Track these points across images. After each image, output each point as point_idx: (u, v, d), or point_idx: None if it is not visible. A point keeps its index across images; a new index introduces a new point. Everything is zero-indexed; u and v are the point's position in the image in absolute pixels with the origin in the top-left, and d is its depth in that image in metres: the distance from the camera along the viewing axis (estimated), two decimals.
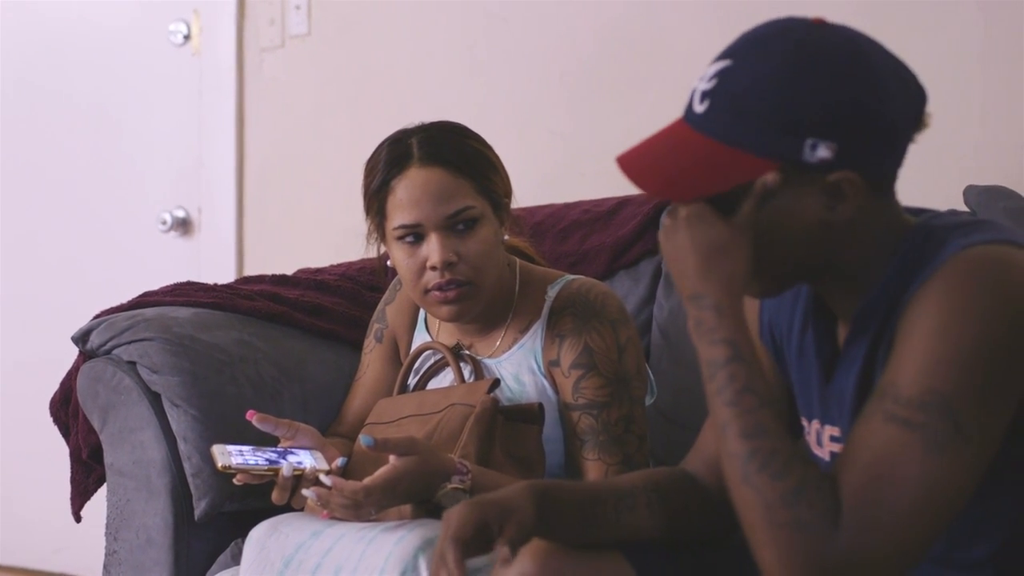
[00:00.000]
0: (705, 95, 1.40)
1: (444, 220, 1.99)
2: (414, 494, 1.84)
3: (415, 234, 2.01)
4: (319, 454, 1.98)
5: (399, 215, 2.01)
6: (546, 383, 2.06)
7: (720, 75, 1.39)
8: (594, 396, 2.00)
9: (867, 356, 1.44)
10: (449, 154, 2.02)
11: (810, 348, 1.55)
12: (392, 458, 1.82)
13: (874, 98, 1.36)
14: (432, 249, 1.99)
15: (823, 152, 1.35)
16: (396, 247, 2.04)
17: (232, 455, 1.93)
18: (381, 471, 1.83)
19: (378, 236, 2.09)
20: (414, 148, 2.03)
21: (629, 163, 1.43)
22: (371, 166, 2.07)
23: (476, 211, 2.01)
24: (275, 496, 1.94)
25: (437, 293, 2.01)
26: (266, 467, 1.92)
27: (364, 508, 1.82)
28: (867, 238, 1.43)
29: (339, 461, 1.97)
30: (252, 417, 1.96)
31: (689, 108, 1.43)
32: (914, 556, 1.31)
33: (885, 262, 1.43)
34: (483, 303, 2.05)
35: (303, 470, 1.92)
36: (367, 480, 1.82)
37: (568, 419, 2.03)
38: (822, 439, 1.55)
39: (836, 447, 1.53)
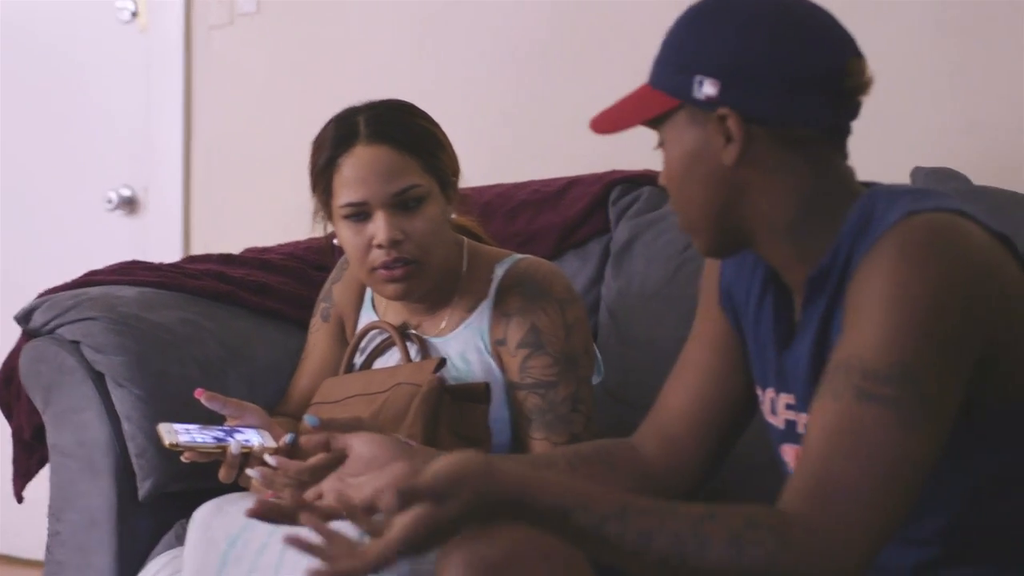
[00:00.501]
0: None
1: (390, 198, 1.99)
2: None
3: (361, 212, 2.00)
4: (266, 433, 1.96)
5: (345, 193, 2.00)
6: (492, 363, 2.05)
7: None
8: (541, 375, 2.00)
9: (821, 322, 1.46)
10: (396, 132, 2.01)
11: (767, 317, 1.56)
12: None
13: (760, 42, 1.41)
14: (378, 227, 1.98)
15: (708, 88, 1.42)
16: (342, 225, 2.03)
17: (179, 433, 1.91)
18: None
19: (324, 214, 2.08)
20: (360, 126, 2.02)
21: (599, 113, 1.54)
22: (318, 144, 2.06)
23: (423, 189, 2.01)
24: (222, 474, 1.92)
25: (383, 272, 2.00)
26: (214, 445, 1.91)
27: (308, 487, 1.81)
28: (784, 194, 1.44)
29: (287, 438, 1.96)
30: (200, 395, 1.94)
31: None
32: (889, 531, 1.31)
33: (832, 228, 1.44)
34: (430, 282, 2.04)
35: (251, 448, 1.91)
36: (312, 460, 1.81)
37: (515, 399, 2.02)
38: (776, 407, 1.57)
39: (790, 415, 1.54)
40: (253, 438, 1.93)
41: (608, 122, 1.50)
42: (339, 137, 2.02)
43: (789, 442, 1.57)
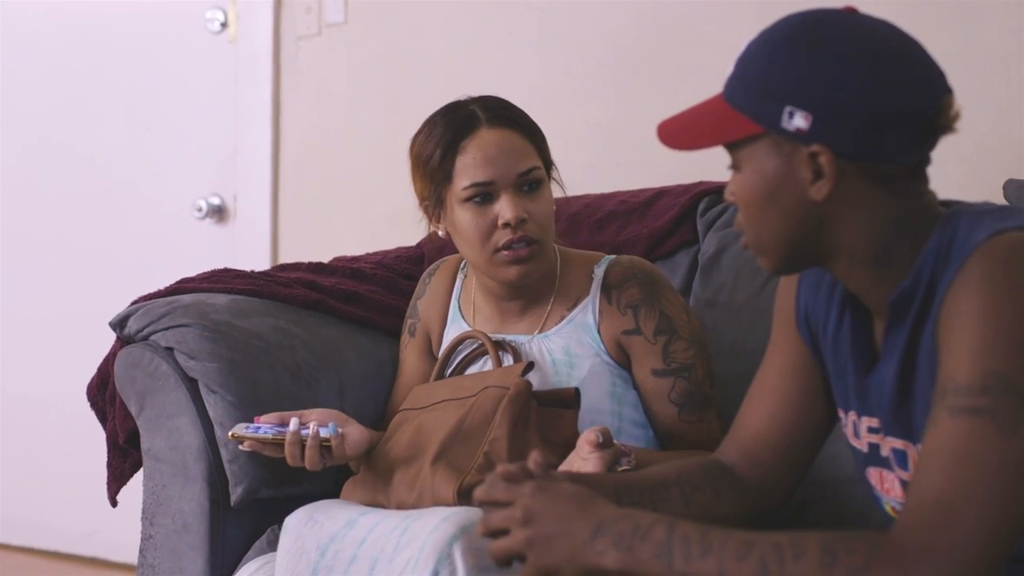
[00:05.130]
0: (735, 64, 1.47)
1: (516, 178, 2.04)
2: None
3: (486, 193, 2.04)
4: (333, 424, 2.03)
5: (470, 174, 2.04)
6: (604, 355, 2.08)
7: (746, 46, 1.46)
8: (684, 359, 2.06)
9: (905, 346, 1.44)
10: (515, 117, 2.09)
11: (845, 341, 1.55)
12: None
13: (859, 79, 1.37)
14: (504, 207, 2.03)
15: (799, 121, 1.38)
16: (462, 210, 2.06)
17: (247, 428, 2.01)
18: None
19: (435, 206, 2.10)
20: (479, 112, 2.07)
21: (666, 121, 1.51)
22: (427, 134, 2.10)
23: (541, 172, 2.08)
24: (287, 455, 1.99)
25: (507, 252, 2.04)
26: (272, 436, 1.99)
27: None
28: (870, 226, 1.43)
29: (331, 429, 2.01)
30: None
31: None
32: (1008, 540, 1.28)
33: (914, 251, 1.43)
34: (545, 266, 2.09)
35: (306, 436, 1.99)
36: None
37: (654, 385, 2.07)
38: (859, 430, 1.56)
39: (873, 438, 1.53)
40: (317, 427, 2.00)
41: (682, 138, 1.48)
42: (459, 122, 2.07)
43: (873, 465, 1.56)
